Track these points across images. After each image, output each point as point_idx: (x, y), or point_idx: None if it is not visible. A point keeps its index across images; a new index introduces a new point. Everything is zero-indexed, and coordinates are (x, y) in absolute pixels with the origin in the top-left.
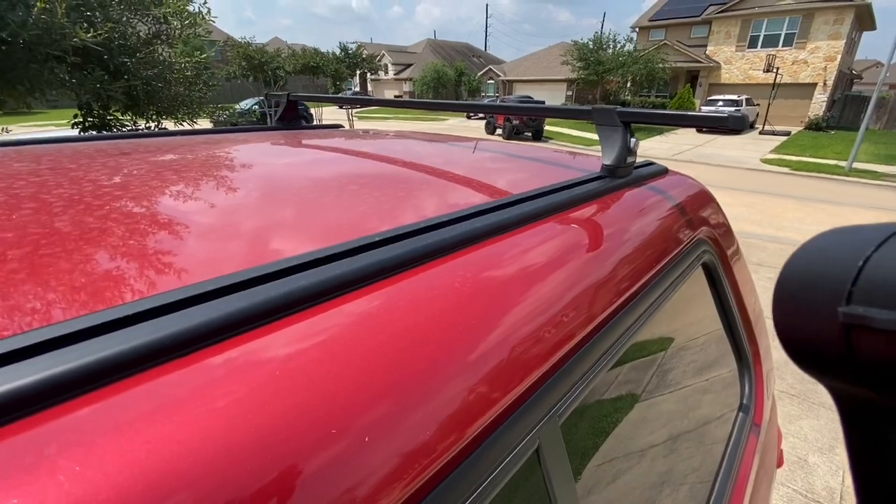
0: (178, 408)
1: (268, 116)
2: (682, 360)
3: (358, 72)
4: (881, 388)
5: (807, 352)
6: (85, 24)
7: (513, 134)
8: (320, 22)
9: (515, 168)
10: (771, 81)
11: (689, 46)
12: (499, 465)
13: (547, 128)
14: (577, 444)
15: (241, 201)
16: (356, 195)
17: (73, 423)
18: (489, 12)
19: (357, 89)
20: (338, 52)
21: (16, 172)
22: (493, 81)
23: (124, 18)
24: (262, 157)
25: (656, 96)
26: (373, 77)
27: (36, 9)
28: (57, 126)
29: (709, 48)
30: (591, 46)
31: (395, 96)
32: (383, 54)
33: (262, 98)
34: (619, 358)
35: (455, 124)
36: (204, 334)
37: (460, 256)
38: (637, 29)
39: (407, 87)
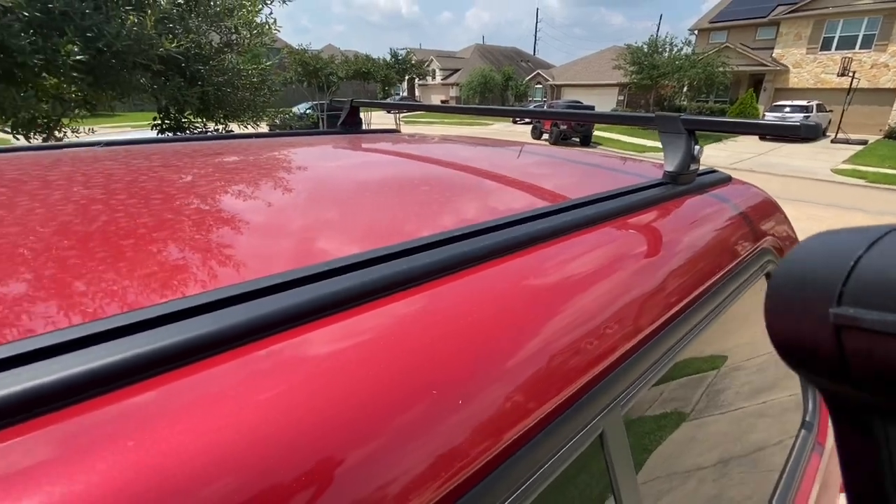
0: (225, 398)
1: (321, 121)
2: (739, 377)
3: (406, 77)
4: (872, 389)
5: (799, 353)
6: (169, 35)
7: (560, 139)
8: (372, 29)
9: (571, 172)
10: (846, 86)
11: (753, 49)
12: (563, 447)
13: (596, 133)
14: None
15: (304, 202)
16: (413, 197)
17: (138, 405)
18: (539, 16)
19: (405, 94)
20: (388, 58)
21: (101, 171)
22: (540, 86)
23: (201, 29)
24: (327, 159)
25: (715, 101)
26: (420, 82)
27: (129, 22)
28: (133, 127)
29: (776, 51)
30: (645, 50)
31: (442, 101)
32: (431, 59)
33: (315, 103)
34: (677, 363)
35: (500, 129)
36: (256, 328)
37: (525, 255)
38: (696, 31)
39: (454, 91)
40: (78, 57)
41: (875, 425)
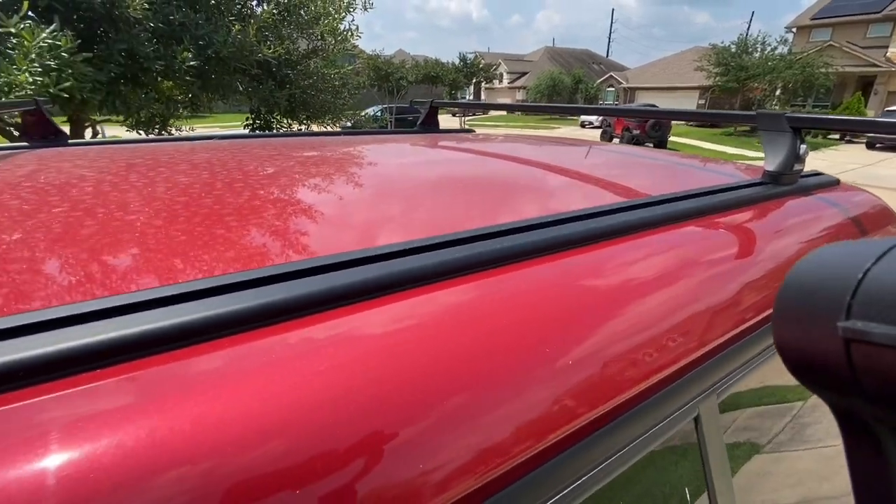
0: (299, 359)
1: (389, 124)
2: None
3: (473, 81)
4: (882, 403)
5: (807, 366)
6: (267, 42)
7: (632, 144)
8: (442, 33)
9: (654, 170)
10: None
11: (862, 48)
12: (659, 424)
13: (672, 139)
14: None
15: (384, 191)
16: (487, 191)
17: (227, 355)
18: (615, 17)
19: (470, 98)
20: (457, 62)
21: (202, 161)
22: (612, 89)
23: (292, 37)
24: (407, 155)
25: (814, 105)
26: (487, 86)
27: (234, 31)
28: (221, 127)
29: (891, 49)
30: (733, 50)
31: (499, 103)
32: (499, 63)
33: (385, 106)
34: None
35: (567, 132)
36: (328, 299)
37: (625, 242)
38: (794, 29)
39: (520, 95)
40: (191, 62)
41: (886, 441)
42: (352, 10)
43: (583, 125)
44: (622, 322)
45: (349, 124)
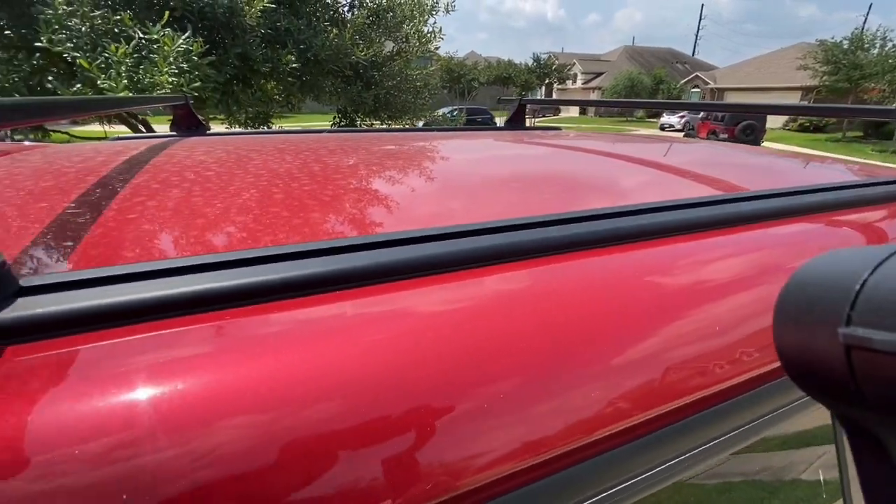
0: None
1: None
2: None
3: (546, 82)
4: (883, 410)
5: (808, 374)
6: (360, 45)
7: None
8: (515, 34)
9: (762, 165)
10: None
11: None
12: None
13: (765, 144)
14: None
15: (471, 180)
16: (573, 181)
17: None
18: (703, 13)
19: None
20: (529, 62)
21: (315, 149)
22: (697, 90)
23: (381, 39)
24: (496, 149)
25: None
26: (559, 87)
27: (331, 35)
28: (304, 125)
29: None
30: (845, 46)
31: (580, 108)
32: (573, 63)
33: (456, 107)
34: None
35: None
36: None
37: (718, 236)
38: None
39: (595, 96)
40: (294, 65)
41: (891, 446)
42: (435, 12)
43: (662, 128)
44: (712, 320)
45: (420, 124)
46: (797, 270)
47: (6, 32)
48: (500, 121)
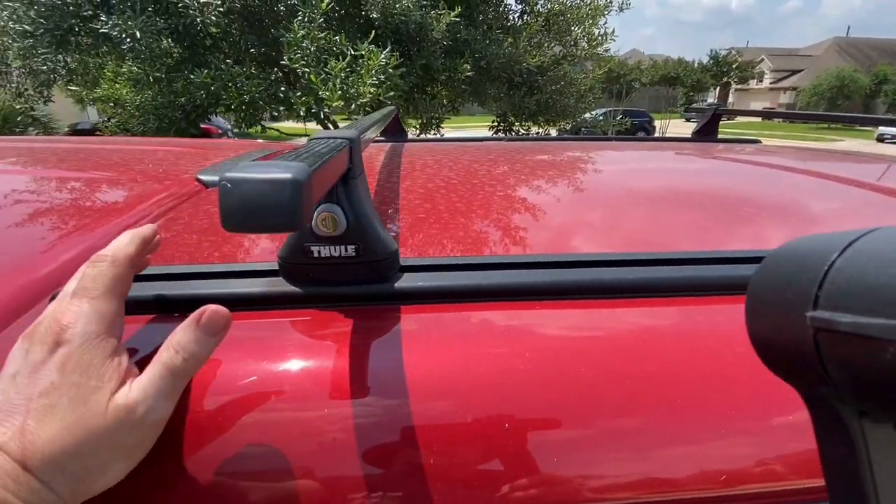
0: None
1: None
2: None
3: (722, 81)
4: (848, 390)
5: (779, 356)
6: (532, 52)
7: None
8: (685, 29)
9: None
10: None
11: None
12: None
13: None
14: None
15: (654, 200)
16: (766, 211)
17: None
18: None
19: (711, 101)
20: (703, 59)
21: (499, 159)
22: None
23: (550, 44)
24: (683, 163)
25: None
26: (739, 87)
27: (505, 43)
28: (452, 128)
29: None
30: None
31: (765, 109)
32: (761, 59)
33: (608, 109)
34: None
35: (852, 146)
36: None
37: None
38: None
39: (785, 98)
40: (468, 73)
41: (853, 425)
42: (607, 12)
43: (881, 139)
44: None
45: (567, 128)
46: (768, 256)
47: (252, 51)
48: (658, 125)
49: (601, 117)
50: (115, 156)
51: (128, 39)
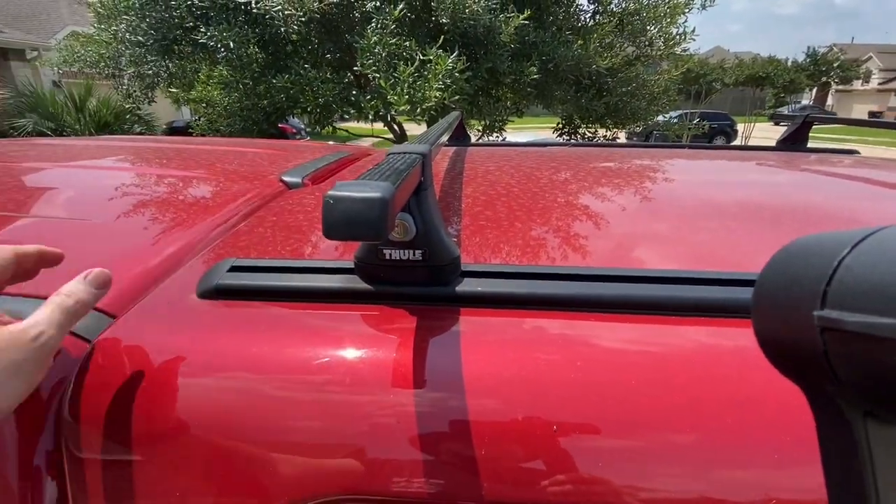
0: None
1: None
2: None
3: (820, 81)
4: (854, 389)
5: (785, 354)
6: (603, 54)
7: None
8: (780, 24)
9: None
10: None
11: None
12: None
13: None
14: None
15: (732, 216)
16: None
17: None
18: None
19: (805, 103)
20: (800, 58)
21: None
22: None
23: (622, 45)
24: (761, 176)
25: None
26: (840, 88)
27: (575, 46)
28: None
29: None
30: None
31: (871, 114)
32: (869, 57)
33: (683, 112)
34: None
35: None
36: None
37: None
38: None
39: None
40: (535, 76)
41: (856, 424)
42: (687, 10)
43: None
44: None
45: (637, 131)
46: (776, 254)
47: (328, 56)
48: (741, 128)
49: (675, 120)
50: (210, 156)
51: (221, 48)
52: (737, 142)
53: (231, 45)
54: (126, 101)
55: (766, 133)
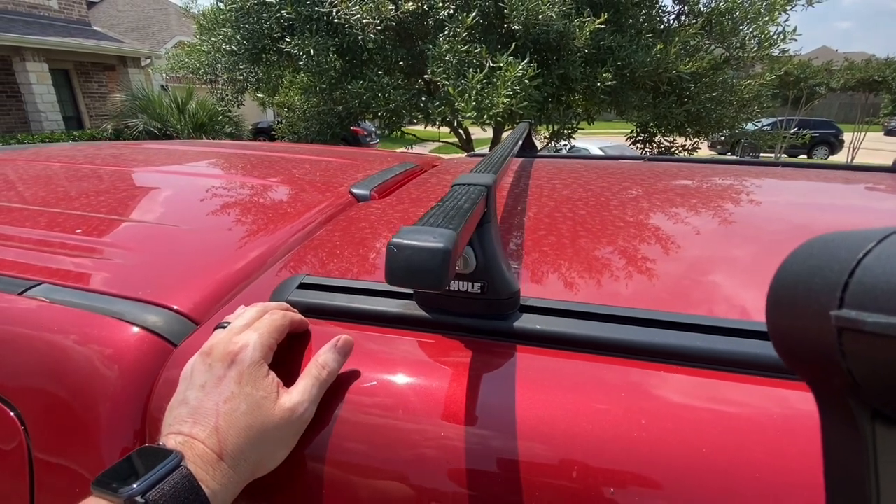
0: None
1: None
2: None
3: None
4: (870, 390)
5: (799, 352)
6: (686, 59)
7: None
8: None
9: None
10: None
11: None
12: None
13: None
14: None
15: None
16: None
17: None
18: None
19: None
20: None
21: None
22: None
23: (709, 48)
24: (871, 203)
25: None
26: None
27: (654, 50)
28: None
29: None
30: None
31: None
32: None
33: (777, 119)
34: None
35: None
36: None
37: None
38: None
39: None
40: (609, 82)
41: (864, 428)
42: (790, 7)
43: None
44: None
45: (722, 139)
46: (792, 253)
47: (400, 63)
48: (849, 138)
49: (768, 128)
50: (288, 164)
51: (303, 56)
52: (842, 152)
53: (312, 52)
54: (219, 103)
55: (876, 144)
